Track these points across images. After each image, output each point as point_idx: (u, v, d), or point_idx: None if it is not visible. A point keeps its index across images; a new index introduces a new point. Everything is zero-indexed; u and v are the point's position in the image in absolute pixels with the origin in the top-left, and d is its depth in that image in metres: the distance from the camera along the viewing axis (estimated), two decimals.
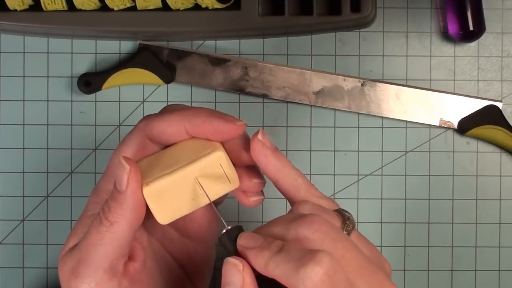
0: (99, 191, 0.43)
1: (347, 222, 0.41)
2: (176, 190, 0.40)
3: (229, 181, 0.41)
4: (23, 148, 0.61)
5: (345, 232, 0.40)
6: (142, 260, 0.43)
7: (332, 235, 0.38)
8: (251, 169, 0.43)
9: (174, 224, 0.45)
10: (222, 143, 0.42)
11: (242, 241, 0.39)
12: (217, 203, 0.47)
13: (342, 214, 0.41)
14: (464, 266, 0.61)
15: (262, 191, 0.43)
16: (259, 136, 0.41)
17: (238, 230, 0.40)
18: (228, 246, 0.40)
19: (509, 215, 0.61)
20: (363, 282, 0.38)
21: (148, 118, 0.43)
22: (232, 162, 0.42)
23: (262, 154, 0.41)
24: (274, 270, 0.37)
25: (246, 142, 0.42)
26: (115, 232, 0.40)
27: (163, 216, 0.41)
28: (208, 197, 0.41)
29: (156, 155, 0.43)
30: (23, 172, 0.61)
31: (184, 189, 0.41)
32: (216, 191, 0.41)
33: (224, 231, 0.40)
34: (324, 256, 0.36)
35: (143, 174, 0.41)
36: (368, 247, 0.41)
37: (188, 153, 0.41)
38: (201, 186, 0.41)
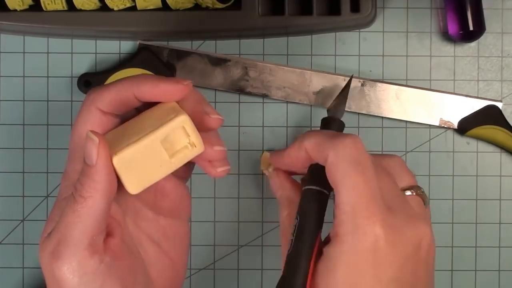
0: (67, 175, 0.43)
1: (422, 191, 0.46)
2: (143, 157, 0.41)
3: (194, 145, 0.42)
4: (23, 148, 0.61)
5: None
6: (120, 236, 0.43)
7: (371, 158, 0.42)
8: (212, 137, 0.44)
9: (146, 203, 0.46)
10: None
11: (273, 156, 0.48)
12: (185, 177, 0.47)
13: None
14: (464, 266, 0.61)
15: (226, 160, 0.45)
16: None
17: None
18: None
19: (509, 215, 0.61)
20: (407, 181, 0.44)
21: (94, 90, 0.43)
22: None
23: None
24: (309, 140, 0.43)
25: (206, 105, 0.44)
26: (91, 207, 0.40)
27: (134, 185, 0.41)
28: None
29: (121, 127, 0.43)
30: (23, 172, 0.61)
31: (152, 156, 0.41)
32: (183, 155, 0.42)
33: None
34: (358, 138, 0.41)
35: (110, 146, 0.41)
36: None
37: (153, 120, 0.42)
38: (167, 151, 0.41)
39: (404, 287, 0.40)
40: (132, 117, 0.44)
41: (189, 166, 0.47)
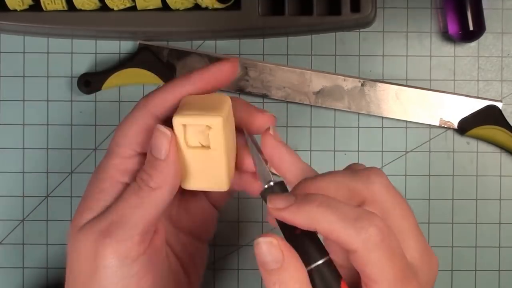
0: (106, 168, 0.43)
1: None
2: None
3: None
4: (23, 148, 0.61)
5: None
6: (163, 234, 0.44)
7: (396, 189, 0.40)
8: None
9: (169, 216, 0.46)
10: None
11: (273, 203, 0.38)
12: (218, 202, 0.47)
13: None
14: (464, 266, 0.61)
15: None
16: (271, 131, 0.42)
17: (280, 186, 0.40)
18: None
19: (509, 215, 0.61)
20: (413, 241, 0.39)
21: (146, 95, 0.43)
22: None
23: (275, 148, 0.42)
24: (323, 225, 0.36)
25: (254, 107, 0.44)
26: (158, 197, 0.41)
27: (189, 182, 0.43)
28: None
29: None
30: (23, 172, 0.61)
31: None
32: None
33: (266, 186, 0.40)
34: (380, 219, 0.36)
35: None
36: None
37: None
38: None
39: None
40: None
41: (225, 194, 0.47)
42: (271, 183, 0.40)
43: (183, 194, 0.47)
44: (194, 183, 0.42)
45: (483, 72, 0.62)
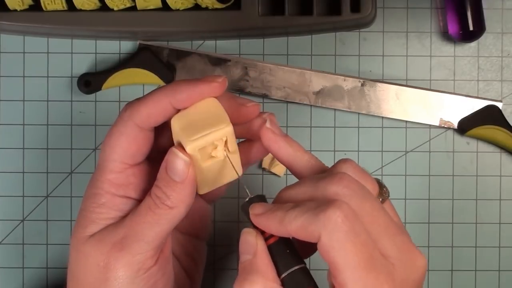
0: (100, 183, 0.43)
1: (384, 189, 0.42)
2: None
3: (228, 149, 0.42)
4: (23, 148, 0.61)
5: (380, 199, 0.41)
6: (171, 244, 0.44)
7: (360, 193, 0.39)
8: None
9: None
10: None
11: (253, 210, 0.40)
12: (211, 198, 0.48)
13: (379, 182, 0.42)
14: (464, 266, 0.61)
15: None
16: (267, 125, 0.42)
17: (259, 198, 0.42)
18: (248, 214, 0.41)
19: (509, 215, 0.61)
20: (388, 240, 0.38)
21: (130, 105, 0.43)
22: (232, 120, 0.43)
23: (273, 141, 0.43)
24: (291, 223, 0.38)
25: (239, 98, 0.44)
26: (174, 215, 0.41)
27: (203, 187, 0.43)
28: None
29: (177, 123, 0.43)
30: (23, 172, 0.61)
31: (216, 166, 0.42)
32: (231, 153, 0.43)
33: (246, 199, 0.42)
34: (342, 202, 0.37)
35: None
36: (396, 217, 0.42)
37: (203, 125, 0.41)
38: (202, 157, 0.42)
39: None
40: None
41: (217, 189, 0.47)
42: (251, 196, 0.42)
43: None
44: (209, 187, 0.43)
45: (483, 72, 0.62)
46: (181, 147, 0.41)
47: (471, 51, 0.62)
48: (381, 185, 0.42)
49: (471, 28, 0.59)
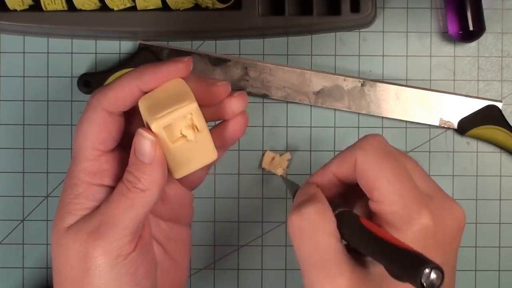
0: (76, 173, 0.43)
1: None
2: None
3: (197, 129, 0.42)
4: (23, 148, 0.61)
5: None
6: (149, 227, 0.44)
7: (394, 148, 0.41)
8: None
9: None
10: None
11: (310, 178, 0.43)
12: (190, 184, 0.48)
13: None
14: (464, 266, 0.61)
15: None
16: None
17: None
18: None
19: (509, 215, 0.61)
20: (425, 180, 0.40)
21: (98, 91, 0.43)
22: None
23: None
24: (331, 162, 0.42)
25: (208, 78, 0.45)
26: (147, 197, 0.41)
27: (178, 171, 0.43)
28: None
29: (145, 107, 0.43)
30: (23, 172, 0.61)
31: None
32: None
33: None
34: (379, 135, 0.40)
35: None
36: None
37: (168, 103, 0.41)
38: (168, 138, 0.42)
39: (450, 270, 0.40)
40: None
41: (197, 175, 0.47)
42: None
43: None
44: (185, 170, 0.43)
45: (483, 72, 0.62)
46: (149, 128, 0.41)
47: (471, 51, 0.62)
48: None
49: (471, 28, 0.59)
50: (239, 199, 0.61)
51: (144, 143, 0.41)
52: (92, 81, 0.60)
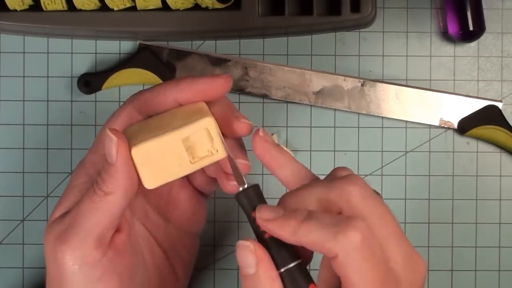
0: (83, 164, 0.43)
1: (377, 193, 0.41)
2: (163, 153, 0.40)
3: (216, 150, 0.41)
4: (23, 148, 0.61)
5: None
6: (126, 233, 0.43)
7: (374, 196, 0.39)
8: (236, 149, 0.43)
9: (156, 207, 0.45)
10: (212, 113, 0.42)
11: (261, 214, 0.39)
12: (206, 191, 0.47)
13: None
14: (464, 266, 0.61)
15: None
16: (260, 133, 0.42)
17: (255, 189, 0.40)
18: (245, 205, 0.40)
19: (509, 215, 0.61)
20: (396, 247, 0.39)
21: (137, 92, 0.43)
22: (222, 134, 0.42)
23: (265, 150, 0.42)
24: (306, 236, 0.37)
25: (236, 110, 0.44)
26: (110, 202, 0.40)
27: (150, 180, 0.41)
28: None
29: (146, 121, 0.43)
30: (23, 172, 0.61)
31: (172, 154, 0.41)
32: (204, 158, 0.41)
33: (240, 189, 0.40)
34: (360, 222, 0.37)
35: (132, 138, 0.41)
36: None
37: (178, 118, 0.42)
38: (187, 152, 0.41)
39: None
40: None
41: (212, 181, 0.47)
42: (246, 186, 0.40)
43: (171, 186, 0.47)
44: (162, 179, 0.42)
45: (483, 72, 0.62)
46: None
47: (471, 51, 0.62)
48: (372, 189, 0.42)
49: (471, 28, 0.59)
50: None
51: (108, 142, 0.40)
52: (92, 81, 0.60)
